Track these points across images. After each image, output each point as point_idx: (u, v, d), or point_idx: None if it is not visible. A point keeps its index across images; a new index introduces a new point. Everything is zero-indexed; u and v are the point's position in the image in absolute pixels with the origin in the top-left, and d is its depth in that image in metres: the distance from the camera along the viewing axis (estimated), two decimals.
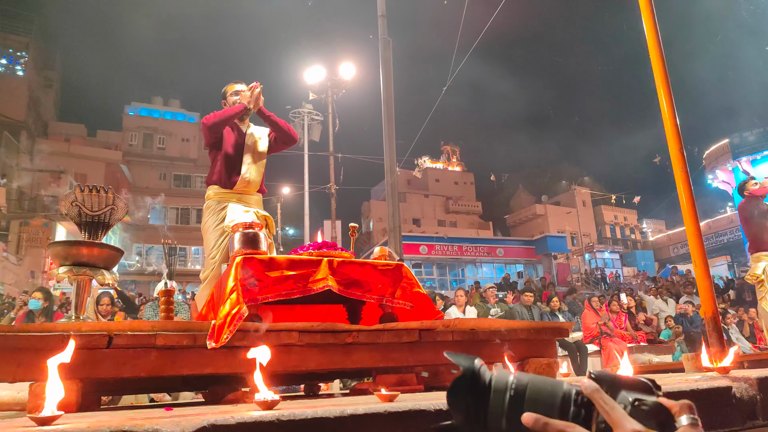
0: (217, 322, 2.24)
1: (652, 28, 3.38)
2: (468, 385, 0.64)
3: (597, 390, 0.62)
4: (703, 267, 3.05)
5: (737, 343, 8.35)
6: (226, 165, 3.86)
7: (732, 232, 29.55)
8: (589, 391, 0.62)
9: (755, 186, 5.98)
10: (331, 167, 17.94)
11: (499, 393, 0.63)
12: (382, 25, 11.37)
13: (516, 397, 0.62)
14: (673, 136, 3.20)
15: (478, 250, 33.09)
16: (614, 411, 0.60)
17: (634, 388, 0.64)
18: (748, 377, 1.97)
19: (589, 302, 8.78)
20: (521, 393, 0.63)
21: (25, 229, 23.63)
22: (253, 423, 1.28)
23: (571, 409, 0.62)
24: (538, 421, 0.60)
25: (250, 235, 2.68)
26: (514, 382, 0.63)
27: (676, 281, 14.73)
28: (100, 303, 6.20)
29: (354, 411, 1.38)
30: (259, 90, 3.90)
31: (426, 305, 2.84)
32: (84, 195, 2.47)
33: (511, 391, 0.63)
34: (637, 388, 0.64)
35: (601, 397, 0.61)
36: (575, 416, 0.62)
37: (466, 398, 0.63)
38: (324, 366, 2.44)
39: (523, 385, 0.63)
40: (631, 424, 0.59)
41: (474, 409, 0.63)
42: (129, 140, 34.15)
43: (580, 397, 0.63)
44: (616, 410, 0.60)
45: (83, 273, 2.37)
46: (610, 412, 0.60)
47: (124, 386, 2.87)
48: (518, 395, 0.62)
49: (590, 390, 0.62)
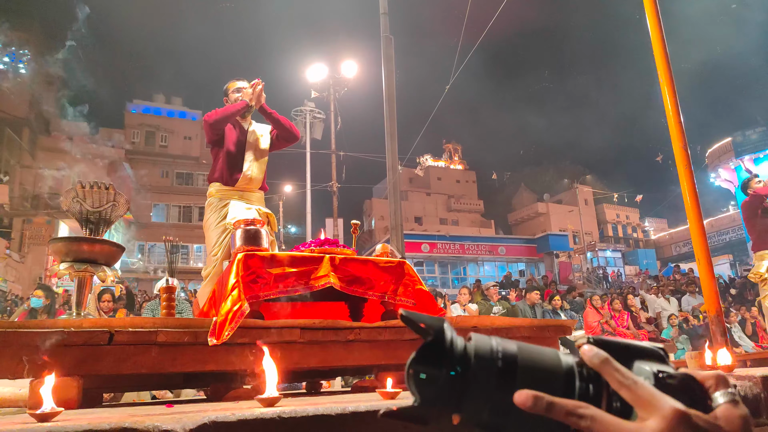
0: (218, 319, 2.23)
1: (655, 24, 3.36)
2: (438, 352, 0.48)
3: (607, 360, 0.49)
4: (706, 265, 3.03)
5: (740, 342, 8.34)
6: (228, 162, 3.85)
7: (734, 230, 29.52)
8: (597, 362, 0.49)
9: (759, 184, 5.95)
10: (333, 165, 17.92)
11: (483, 364, 0.47)
12: (384, 22, 11.35)
13: (505, 370, 0.47)
14: (676, 134, 3.18)
15: (479, 249, 33.07)
16: (638, 387, 0.47)
17: (649, 357, 0.51)
18: (752, 376, 1.96)
19: (590, 301, 8.78)
20: (511, 364, 0.48)
21: (28, 226, 23.68)
22: (255, 420, 1.27)
23: (577, 385, 0.49)
24: (539, 401, 0.46)
25: (251, 231, 2.67)
26: (499, 349, 0.48)
27: (678, 280, 14.69)
28: (101, 299, 6.20)
29: (356, 408, 1.37)
30: (260, 87, 3.90)
31: (428, 303, 2.83)
32: (85, 191, 2.47)
33: (498, 361, 0.48)
34: (652, 357, 0.52)
35: (615, 368, 0.48)
36: (582, 394, 0.49)
37: (436, 370, 0.47)
38: (326, 363, 2.43)
39: (512, 354, 0.48)
40: (667, 403, 0.46)
41: (448, 385, 0.47)
42: (131, 138, 34.16)
43: (584, 370, 0.50)
44: (640, 386, 0.47)
45: (84, 269, 2.37)
46: (633, 388, 0.47)
47: (126, 383, 2.87)
48: (508, 367, 0.48)
49: (599, 360, 0.49)
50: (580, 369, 0.50)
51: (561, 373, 0.49)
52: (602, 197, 42.60)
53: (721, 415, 0.47)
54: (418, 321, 0.49)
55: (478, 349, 0.48)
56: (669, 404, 0.46)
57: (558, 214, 41.16)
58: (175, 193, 32.96)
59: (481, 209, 44.93)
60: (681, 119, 3.19)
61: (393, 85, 11.07)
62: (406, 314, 0.49)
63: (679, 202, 3.04)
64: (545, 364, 0.49)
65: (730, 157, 24.45)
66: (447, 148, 50.71)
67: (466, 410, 0.48)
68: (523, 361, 0.48)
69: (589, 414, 0.47)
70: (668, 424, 0.45)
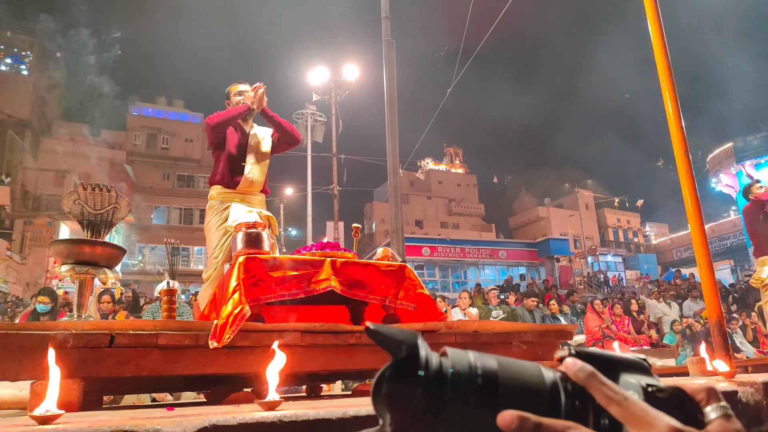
0: (219, 322, 2.23)
1: (657, 31, 3.37)
2: (411, 370, 0.43)
3: (593, 374, 0.45)
4: (708, 270, 3.03)
5: (741, 348, 8.32)
6: (230, 165, 3.86)
7: (735, 236, 29.50)
8: (582, 376, 0.45)
9: (760, 189, 5.95)
10: (334, 168, 17.93)
11: (462, 381, 0.43)
12: (385, 26, 11.38)
13: (486, 387, 0.43)
14: (678, 139, 3.18)
15: (480, 253, 33.05)
16: (629, 403, 0.43)
17: (634, 369, 0.48)
18: (754, 382, 1.95)
19: (591, 305, 8.76)
20: (492, 381, 0.43)
21: (29, 228, 23.72)
22: (255, 424, 1.27)
23: (563, 401, 0.45)
24: (525, 423, 0.42)
25: (252, 234, 2.67)
26: (478, 366, 0.44)
27: (679, 285, 14.68)
28: (101, 301, 6.20)
29: (356, 412, 1.37)
30: (262, 90, 3.91)
31: (429, 306, 2.83)
32: (87, 193, 2.47)
33: (478, 379, 0.43)
34: (637, 369, 0.49)
35: (601, 382, 0.44)
36: (569, 411, 0.45)
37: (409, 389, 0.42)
38: (326, 367, 2.43)
39: (493, 371, 0.44)
40: (665, 420, 0.43)
41: (422, 405, 0.42)
42: (133, 140, 34.22)
43: (569, 385, 0.46)
44: (631, 402, 0.44)
45: (85, 272, 2.37)
46: (624, 404, 0.43)
47: (126, 385, 2.86)
48: (489, 384, 0.43)
49: (584, 374, 0.45)
50: (564, 384, 0.46)
51: (546, 389, 0.45)
52: (603, 202, 42.58)
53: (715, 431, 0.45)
54: (388, 335, 0.44)
55: (455, 365, 0.44)
56: (664, 422, 0.43)
57: (559, 219, 41.15)
58: (176, 196, 32.99)
59: (482, 213, 44.93)
60: (682, 124, 3.19)
61: (394, 88, 11.09)
62: (374, 328, 0.44)
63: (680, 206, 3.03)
64: (528, 380, 0.45)
65: (731, 163, 24.45)
66: (448, 151, 50.74)
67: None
68: (504, 378, 0.44)
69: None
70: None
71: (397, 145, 10.93)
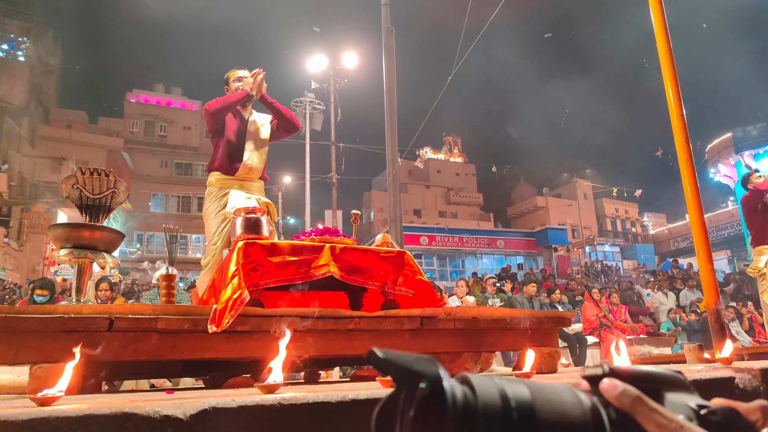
0: (218, 307, 2.23)
1: (659, 18, 3.34)
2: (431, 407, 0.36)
3: (640, 399, 0.39)
4: (706, 258, 3.03)
5: (738, 337, 8.37)
6: (228, 151, 3.84)
7: (733, 226, 29.57)
8: (627, 401, 0.39)
9: (759, 179, 5.95)
10: (333, 157, 17.89)
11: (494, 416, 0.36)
12: (385, 13, 11.30)
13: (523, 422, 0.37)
14: (678, 126, 3.17)
15: (478, 242, 33.09)
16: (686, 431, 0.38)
17: (676, 387, 0.43)
18: (751, 368, 1.96)
19: (589, 294, 8.80)
20: (528, 414, 0.37)
21: (27, 215, 23.66)
22: (255, 406, 1.27)
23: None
24: None
25: (252, 220, 2.67)
26: (510, 396, 0.37)
27: (676, 275, 14.74)
28: (98, 288, 6.19)
29: (356, 396, 1.37)
30: (261, 76, 3.88)
31: (428, 293, 2.83)
32: (85, 178, 2.46)
33: (513, 413, 0.37)
34: (679, 386, 0.43)
35: (651, 409, 0.39)
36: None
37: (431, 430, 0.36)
38: (325, 352, 2.43)
39: (527, 402, 0.38)
40: None
41: None
42: (130, 127, 34.07)
43: (611, 411, 0.40)
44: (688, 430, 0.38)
45: (84, 256, 2.36)
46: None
47: (125, 370, 2.87)
48: (525, 418, 0.37)
49: (629, 399, 0.39)
50: (607, 410, 0.40)
51: (588, 420, 0.39)
52: (601, 191, 42.56)
53: None
54: (402, 365, 0.37)
55: (484, 397, 0.37)
56: None
57: (557, 208, 41.20)
58: (174, 183, 32.92)
59: (480, 202, 44.94)
60: (683, 112, 3.18)
61: (393, 76, 11.04)
62: (383, 356, 0.37)
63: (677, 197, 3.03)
64: (567, 409, 0.39)
65: (730, 153, 24.41)
66: (447, 140, 50.66)
67: None
68: (541, 409, 0.38)
69: None
70: None
71: (396, 133, 10.90)
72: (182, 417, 1.18)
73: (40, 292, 6.45)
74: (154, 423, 1.16)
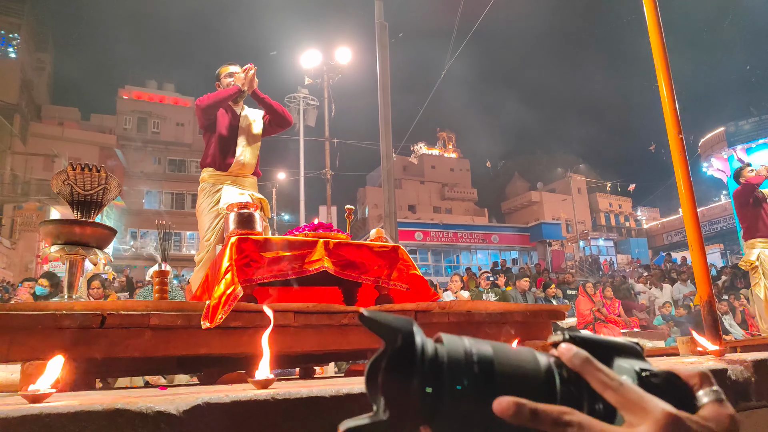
0: (211, 303, 2.22)
1: (653, 11, 3.35)
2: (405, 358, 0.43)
3: (588, 359, 0.45)
4: (699, 251, 3.04)
5: (731, 329, 8.42)
6: (221, 147, 3.83)
7: (725, 220, 29.73)
8: (577, 362, 0.45)
9: (751, 173, 5.98)
10: (327, 153, 17.87)
11: (458, 368, 0.43)
12: (378, 8, 11.27)
13: (482, 374, 0.43)
14: (671, 120, 3.18)
15: (473, 237, 33.17)
16: (624, 388, 0.44)
17: (627, 354, 0.49)
18: (743, 360, 1.97)
19: (583, 288, 8.83)
20: (488, 367, 0.43)
21: (19, 213, 23.52)
22: (248, 401, 1.27)
23: (558, 387, 0.45)
24: (522, 409, 0.42)
25: (245, 215, 2.66)
26: (474, 351, 0.44)
27: (669, 269, 14.81)
28: (90, 286, 6.15)
29: (350, 390, 1.37)
30: (253, 72, 3.87)
31: (422, 287, 2.83)
32: (76, 174, 2.44)
33: (474, 366, 0.43)
34: (631, 353, 0.49)
35: (597, 368, 0.45)
36: (565, 397, 0.45)
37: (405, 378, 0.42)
38: (320, 347, 2.43)
39: (488, 357, 0.44)
40: (660, 406, 0.43)
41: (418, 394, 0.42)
42: (123, 124, 33.88)
43: (564, 370, 0.46)
44: (626, 387, 0.44)
45: (76, 252, 2.35)
46: (620, 390, 0.44)
47: (118, 367, 2.86)
48: (485, 371, 0.43)
49: (579, 360, 0.45)
50: (560, 370, 0.46)
51: (541, 375, 0.45)
52: (595, 186, 42.71)
53: (709, 416, 0.46)
54: (383, 322, 0.43)
55: (451, 352, 0.44)
56: (659, 407, 0.43)
57: (551, 203, 41.29)
58: (167, 180, 32.78)
59: (475, 198, 44.98)
60: (676, 105, 3.19)
61: (387, 72, 11.02)
62: (368, 314, 0.43)
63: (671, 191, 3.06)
64: (524, 366, 0.45)
65: (723, 147, 24.55)
66: (441, 136, 50.61)
67: (439, 422, 0.43)
68: (500, 364, 0.44)
69: (576, 421, 0.43)
70: (660, 428, 0.42)
71: (390, 129, 10.89)
72: (175, 412, 1.17)
73: (41, 282, 6.41)
74: (147, 419, 1.15)
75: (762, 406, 1.87)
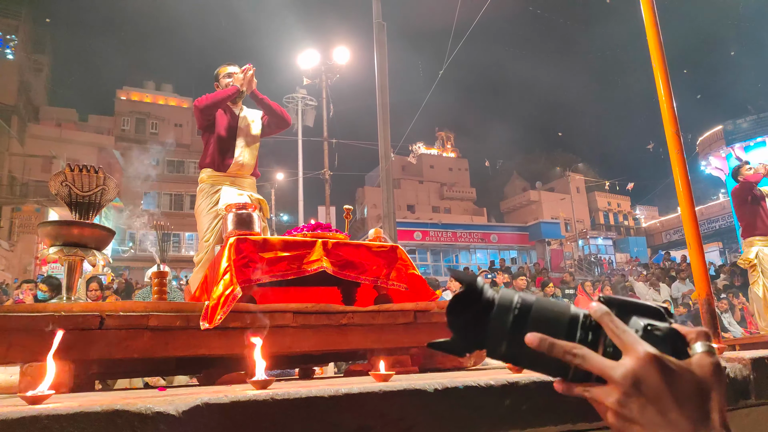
0: (210, 303, 2.22)
1: (650, 11, 3.35)
2: (468, 300, 0.60)
3: (607, 313, 0.58)
4: (697, 249, 3.04)
5: (730, 328, 8.43)
6: (219, 148, 3.83)
7: (724, 218, 29.76)
8: (598, 315, 0.59)
9: (749, 171, 5.99)
10: (326, 153, 17.86)
11: (503, 310, 0.59)
12: (376, 8, 11.27)
13: (520, 316, 0.59)
14: (669, 118, 3.18)
15: (472, 237, 33.19)
16: (625, 335, 0.56)
17: (646, 314, 0.60)
18: (742, 358, 1.97)
19: (582, 287, 8.84)
20: (526, 312, 0.59)
21: (17, 214, 23.50)
22: (248, 402, 1.27)
23: (578, 333, 0.59)
24: (543, 342, 0.57)
25: (243, 215, 2.66)
26: (519, 301, 0.60)
27: (668, 267, 14.83)
28: (89, 288, 6.15)
29: (349, 390, 1.37)
30: (251, 72, 3.87)
31: (421, 287, 2.83)
32: (74, 175, 2.44)
33: (515, 310, 0.59)
34: (650, 314, 0.60)
35: (611, 320, 0.58)
36: (582, 339, 0.59)
37: (465, 315, 0.60)
38: (319, 347, 2.43)
39: (529, 305, 0.60)
40: (642, 347, 0.55)
41: (473, 326, 0.60)
42: (121, 125, 33.86)
43: (588, 320, 0.60)
44: (627, 334, 0.57)
45: (74, 253, 2.34)
46: (621, 336, 0.57)
47: (117, 369, 2.86)
48: (522, 314, 0.59)
49: (599, 313, 0.58)
50: (585, 320, 0.60)
51: (565, 321, 0.60)
52: (594, 185, 42.72)
53: (694, 362, 0.56)
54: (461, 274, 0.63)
55: (502, 298, 0.60)
56: (644, 348, 0.55)
57: (550, 202, 41.30)
58: (166, 181, 32.76)
59: (474, 197, 44.98)
60: (673, 103, 3.19)
61: (385, 72, 11.01)
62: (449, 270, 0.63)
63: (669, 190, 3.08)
64: (554, 314, 0.60)
65: (721, 146, 24.56)
66: (439, 135, 50.61)
67: (488, 345, 0.60)
68: (536, 311, 0.60)
69: (581, 353, 0.58)
70: (640, 363, 0.54)
71: (388, 129, 10.89)
72: (174, 413, 1.17)
73: (41, 287, 6.44)
74: (146, 420, 1.15)
75: (761, 404, 1.88)
